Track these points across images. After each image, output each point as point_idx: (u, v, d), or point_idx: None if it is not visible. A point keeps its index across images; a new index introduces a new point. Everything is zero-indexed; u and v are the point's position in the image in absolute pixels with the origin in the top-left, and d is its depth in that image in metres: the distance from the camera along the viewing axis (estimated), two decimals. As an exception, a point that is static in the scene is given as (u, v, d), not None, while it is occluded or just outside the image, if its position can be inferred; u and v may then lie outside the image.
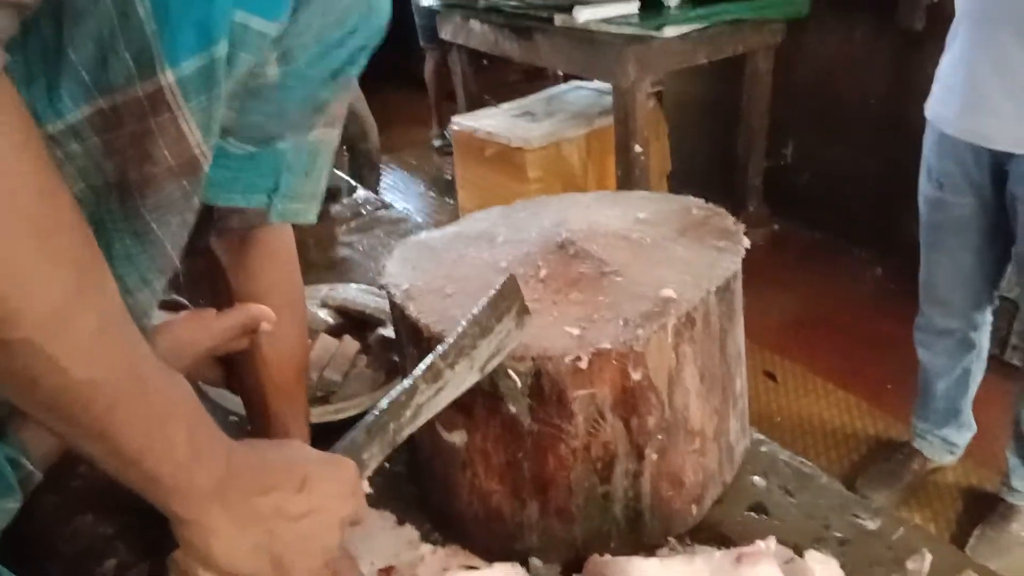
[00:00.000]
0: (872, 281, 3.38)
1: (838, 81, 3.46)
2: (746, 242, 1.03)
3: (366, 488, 0.75)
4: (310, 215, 0.83)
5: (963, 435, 2.34)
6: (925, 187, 2.06)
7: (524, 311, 0.88)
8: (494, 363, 0.84)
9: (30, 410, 0.54)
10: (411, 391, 0.78)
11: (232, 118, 0.69)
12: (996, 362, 2.53)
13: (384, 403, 0.77)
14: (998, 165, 1.85)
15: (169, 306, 1.00)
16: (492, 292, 0.87)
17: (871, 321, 3.12)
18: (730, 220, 1.08)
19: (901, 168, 3.26)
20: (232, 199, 0.77)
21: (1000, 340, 2.69)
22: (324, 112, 0.77)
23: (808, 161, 3.70)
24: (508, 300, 0.87)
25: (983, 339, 2.23)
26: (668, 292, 0.91)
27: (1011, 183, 1.83)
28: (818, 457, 2.50)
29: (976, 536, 2.17)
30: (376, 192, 2.06)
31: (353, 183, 2.06)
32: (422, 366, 0.80)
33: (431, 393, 0.79)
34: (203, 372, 0.99)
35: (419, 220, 2.23)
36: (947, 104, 1.91)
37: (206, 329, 0.92)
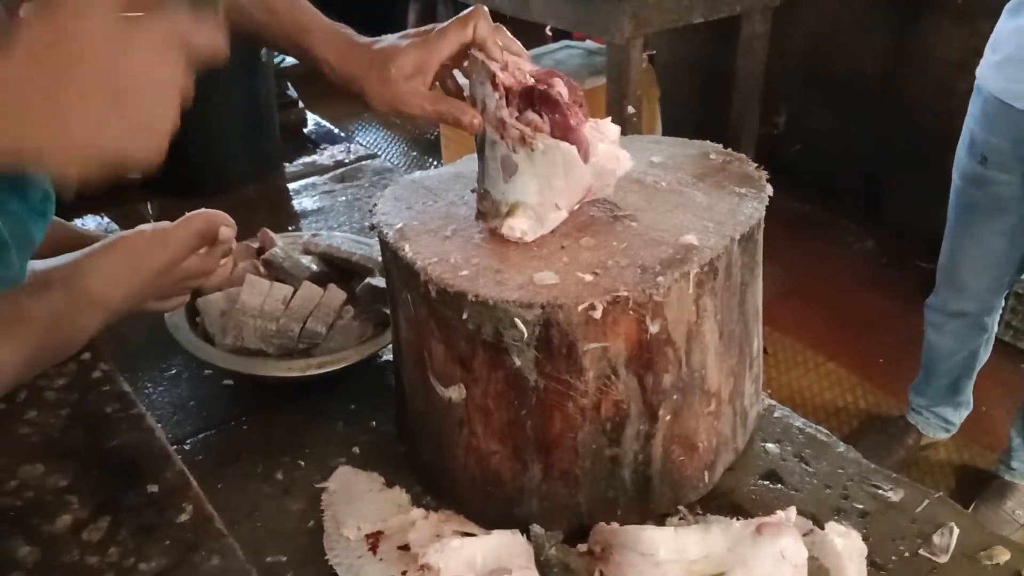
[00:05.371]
0: (863, 254, 3.33)
1: (834, 48, 3.38)
2: (769, 189, 0.95)
3: None
4: None
5: (960, 413, 2.29)
6: (964, 162, 1.96)
7: None
8: None
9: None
10: None
11: None
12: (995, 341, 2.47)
13: None
14: None
15: None
16: None
17: (862, 294, 3.07)
18: (752, 166, 1.00)
19: (894, 141, 3.21)
20: None
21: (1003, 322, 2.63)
22: None
23: (800, 131, 3.62)
24: None
25: (994, 322, 2.17)
26: (690, 238, 0.83)
27: None
28: (808, 430, 2.44)
29: (972, 513, 2.13)
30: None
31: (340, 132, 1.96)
32: None
33: None
34: (160, 295, 0.94)
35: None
36: (1017, 76, 1.78)
37: (162, 243, 0.87)
